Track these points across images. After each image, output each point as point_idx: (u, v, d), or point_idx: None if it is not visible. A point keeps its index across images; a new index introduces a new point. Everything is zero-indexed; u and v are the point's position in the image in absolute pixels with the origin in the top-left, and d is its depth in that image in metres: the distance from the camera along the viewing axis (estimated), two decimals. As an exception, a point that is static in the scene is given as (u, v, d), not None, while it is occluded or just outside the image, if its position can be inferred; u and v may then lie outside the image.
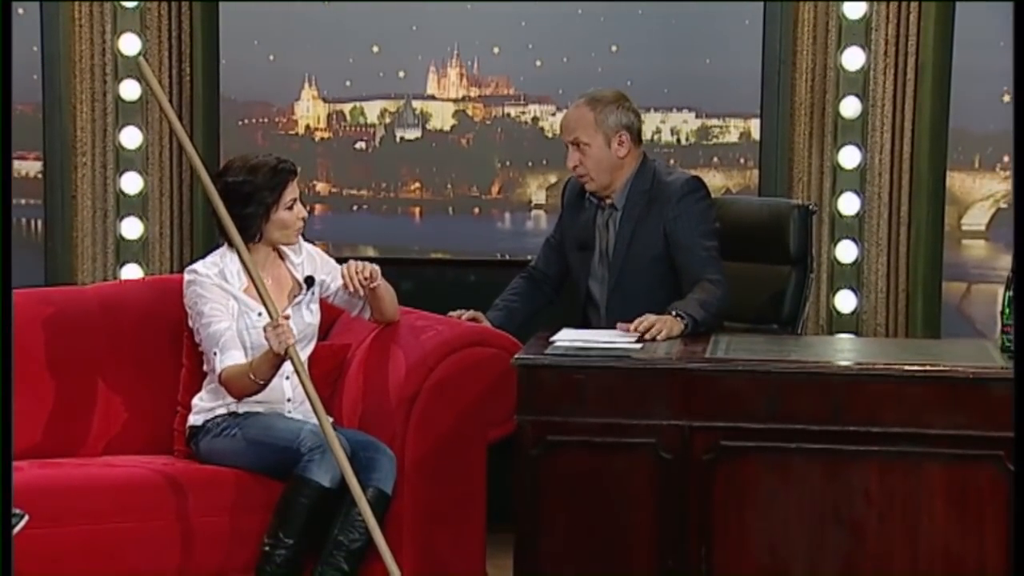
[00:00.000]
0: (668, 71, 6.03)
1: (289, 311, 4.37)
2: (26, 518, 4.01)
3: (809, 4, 5.74)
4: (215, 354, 4.32)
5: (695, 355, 4.10)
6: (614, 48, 6.01)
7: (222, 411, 4.42)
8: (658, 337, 4.26)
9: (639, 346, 4.16)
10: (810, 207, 4.94)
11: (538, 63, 6.10)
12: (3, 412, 3.65)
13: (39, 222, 5.98)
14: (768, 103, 5.88)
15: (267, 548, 4.18)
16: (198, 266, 4.44)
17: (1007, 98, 5.86)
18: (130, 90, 5.88)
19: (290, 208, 4.39)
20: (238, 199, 4.33)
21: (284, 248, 4.48)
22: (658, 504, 3.99)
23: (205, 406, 4.46)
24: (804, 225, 4.89)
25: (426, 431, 4.40)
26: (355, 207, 6.30)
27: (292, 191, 4.40)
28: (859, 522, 3.95)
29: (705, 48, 5.96)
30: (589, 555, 4.02)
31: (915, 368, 3.99)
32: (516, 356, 4.09)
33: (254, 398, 4.35)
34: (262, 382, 4.24)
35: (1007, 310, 4.06)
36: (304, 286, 4.46)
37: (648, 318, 4.31)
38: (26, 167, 6.05)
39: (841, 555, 3.97)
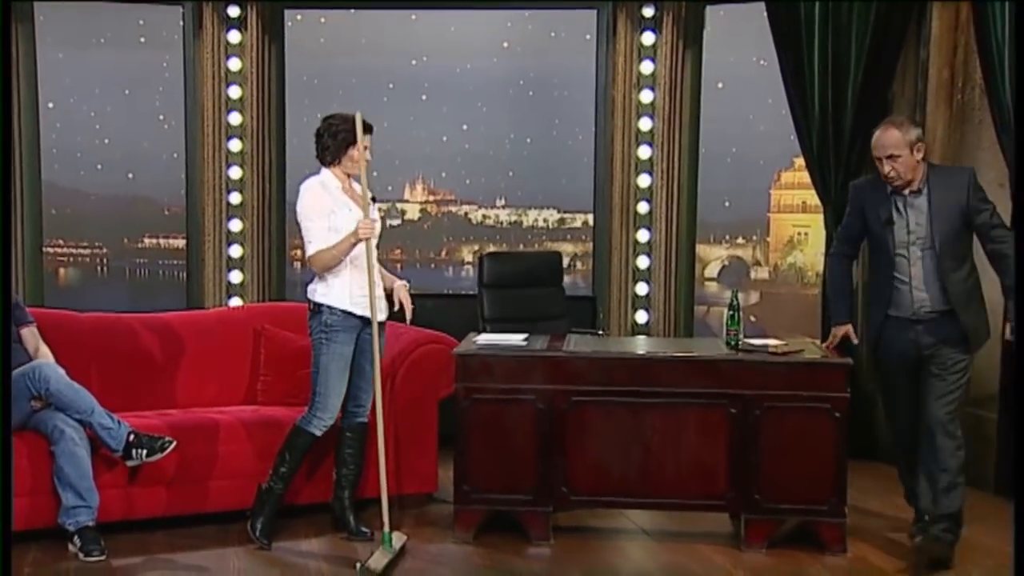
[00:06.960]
0: (542, 186, 5.98)
1: (374, 214, 3.85)
2: (175, 443, 3.84)
3: (620, 149, 5.71)
4: (309, 243, 3.75)
5: (558, 348, 4.06)
6: (511, 173, 5.97)
7: (324, 303, 3.80)
8: None
9: (526, 343, 4.08)
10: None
11: (468, 181, 6.04)
12: (4, 423, 3.10)
13: (184, 273, 5.81)
14: (599, 205, 5.85)
15: (269, 484, 3.86)
16: (311, 181, 3.82)
17: (728, 203, 5.88)
18: (234, 199, 5.73)
19: (360, 150, 3.77)
20: (332, 133, 3.78)
21: (351, 176, 3.85)
22: (537, 436, 3.95)
23: (319, 291, 3.84)
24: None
25: (404, 392, 4.33)
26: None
27: (366, 140, 3.76)
28: (649, 444, 3.93)
29: (564, 172, 5.93)
30: (496, 466, 3.96)
31: (681, 354, 3.98)
32: (455, 349, 4.02)
33: (349, 295, 3.80)
34: (341, 257, 3.75)
35: (728, 322, 4.07)
36: (372, 201, 3.85)
37: None
38: (177, 242, 5.88)
39: (639, 463, 3.94)
